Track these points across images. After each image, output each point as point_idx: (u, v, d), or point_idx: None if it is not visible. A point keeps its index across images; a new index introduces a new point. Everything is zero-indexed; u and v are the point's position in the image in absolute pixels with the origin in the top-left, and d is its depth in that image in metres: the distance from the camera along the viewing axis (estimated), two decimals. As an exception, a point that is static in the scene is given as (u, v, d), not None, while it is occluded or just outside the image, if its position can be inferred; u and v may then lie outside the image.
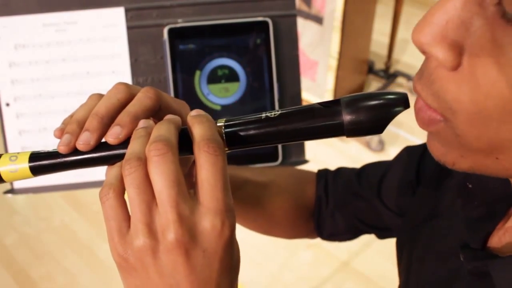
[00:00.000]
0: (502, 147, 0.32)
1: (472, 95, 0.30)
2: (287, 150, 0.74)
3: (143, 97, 0.40)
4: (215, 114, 0.71)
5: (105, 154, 0.39)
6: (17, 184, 0.71)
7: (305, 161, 0.75)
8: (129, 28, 0.71)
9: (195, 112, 0.39)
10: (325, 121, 0.37)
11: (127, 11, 0.71)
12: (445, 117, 0.33)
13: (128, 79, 0.72)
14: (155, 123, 0.39)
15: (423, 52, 0.32)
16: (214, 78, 0.72)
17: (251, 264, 1.94)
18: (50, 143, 0.71)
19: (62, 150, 0.39)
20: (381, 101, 0.36)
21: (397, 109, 0.36)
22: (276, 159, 0.73)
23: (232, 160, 0.69)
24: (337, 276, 1.94)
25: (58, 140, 0.40)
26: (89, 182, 0.71)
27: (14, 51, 0.70)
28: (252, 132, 0.38)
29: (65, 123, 0.40)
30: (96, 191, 0.76)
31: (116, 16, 0.71)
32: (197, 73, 0.71)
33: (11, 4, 0.70)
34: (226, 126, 0.38)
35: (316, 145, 2.47)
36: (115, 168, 0.37)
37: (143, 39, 0.72)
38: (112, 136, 0.38)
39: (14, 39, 0.70)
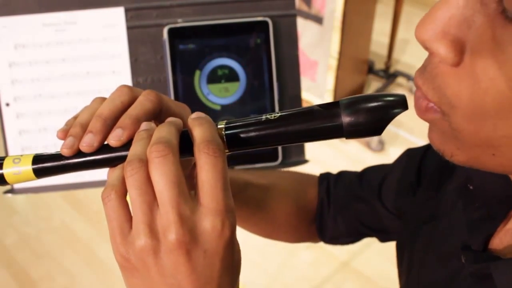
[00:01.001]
0: (498, 143, 0.32)
1: (471, 91, 0.31)
2: (287, 150, 0.74)
3: (144, 100, 0.41)
4: (215, 114, 0.71)
5: (108, 156, 0.39)
6: (17, 184, 0.71)
7: (305, 161, 0.75)
8: (129, 28, 0.71)
9: (195, 114, 0.39)
10: (325, 123, 0.37)
11: (127, 11, 0.71)
12: (443, 111, 0.34)
13: (128, 79, 0.72)
14: (157, 125, 0.39)
15: (426, 48, 0.32)
16: (214, 78, 0.72)
17: (251, 264, 1.94)
18: (50, 143, 0.71)
19: (66, 152, 0.39)
20: (380, 103, 0.36)
21: (396, 110, 0.36)
22: (276, 159, 0.73)
23: (232, 159, 0.69)
24: (337, 276, 1.94)
25: (58, 140, 0.40)
26: (89, 182, 0.71)
27: (14, 51, 0.70)
28: (252, 134, 0.38)
29: (68, 124, 0.41)
30: (96, 191, 0.76)
31: (116, 16, 0.71)
32: (197, 73, 0.71)
33: (11, 4, 0.70)
34: (226, 128, 0.39)
35: (316, 145, 2.46)
36: (117, 169, 0.38)
37: (143, 39, 0.72)
38: (114, 138, 0.39)
39: (14, 39, 0.70)
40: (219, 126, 0.39)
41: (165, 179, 0.34)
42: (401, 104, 0.36)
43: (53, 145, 0.70)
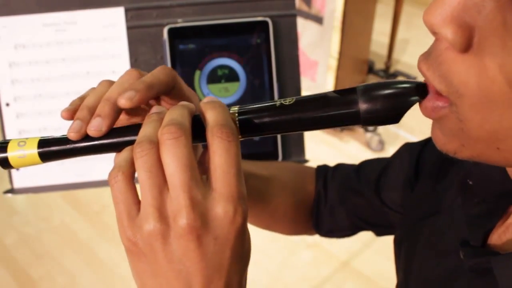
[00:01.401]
0: (504, 136, 0.32)
1: (479, 79, 0.30)
2: (287, 149, 0.74)
3: (158, 72, 0.40)
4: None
5: (116, 140, 0.38)
6: (17, 184, 0.71)
7: (305, 161, 0.75)
8: (129, 28, 0.71)
9: (208, 98, 0.38)
10: (341, 109, 0.36)
11: (127, 11, 0.71)
12: (451, 101, 0.33)
13: (128, 79, 0.72)
14: (167, 106, 0.38)
15: (433, 33, 0.32)
16: (214, 78, 0.72)
17: (251, 264, 1.94)
18: (50, 143, 0.71)
19: (72, 136, 0.38)
20: (398, 90, 0.35)
21: (414, 98, 0.35)
22: (276, 158, 0.73)
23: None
24: (337, 276, 1.94)
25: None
26: (89, 182, 0.71)
27: (14, 51, 0.70)
28: (266, 119, 0.37)
29: (73, 104, 0.40)
30: (96, 191, 0.76)
31: (116, 16, 0.71)
32: (197, 73, 0.71)
33: (11, 4, 0.70)
34: (240, 113, 0.38)
35: (316, 145, 2.47)
36: (125, 151, 0.37)
37: (143, 39, 0.72)
38: (126, 98, 0.38)
39: (14, 39, 0.70)
40: (231, 111, 0.38)
41: (177, 161, 0.33)
42: (419, 91, 0.35)
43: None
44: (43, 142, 0.39)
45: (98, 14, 0.71)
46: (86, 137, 0.38)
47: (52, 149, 0.39)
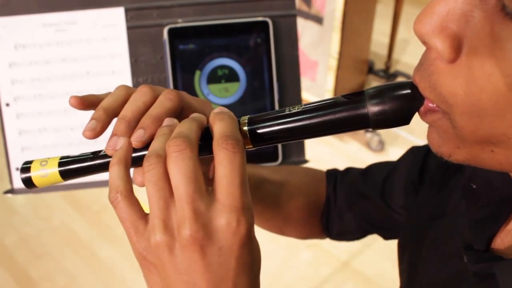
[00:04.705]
0: (497, 140, 0.32)
1: (467, 88, 0.30)
2: (287, 149, 0.74)
3: (164, 100, 0.41)
4: (215, 114, 0.71)
5: (133, 155, 0.39)
6: (17, 184, 0.71)
7: (305, 161, 0.75)
8: (129, 28, 0.71)
9: (218, 109, 0.39)
10: (350, 113, 0.36)
11: (127, 11, 0.71)
12: (443, 110, 0.33)
13: (128, 79, 0.72)
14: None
15: (423, 42, 0.32)
16: (214, 78, 0.72)
17: (251, 264, 1.94)
18: (50, 143, 0.71)
19: (87, 135, 0.39)
20: (406, 91, 0.35)
21: (422, 98, 0.35)
22: (276, 159, 0.73)
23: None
24: (337, 276, 1.94)
25: (58, 140, 0.40)
26: (89, 182, 0.71)
27: (14, 51, 0.70)
28: (276, 128, 0.38)
29: (86, 98, 0.41)
30: (96, 191, 0.76)
31: (116, 16, 0.71)
32: (197, 73, 0.71)
33: (11, 4, 0.70)
34: (249, 123, 0.38)
35: (316, 145, 2.46)
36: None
37: (143, 39, 0.72)
38: (137, 139, 0.39)
39: (14, 39, 0.70)
40: (242, 121, 0.39)
41: (181, 174, 0.34)
42: None
43: (53, 145, 0.70)
44: (63, 161, 0.41)
45: (98, 14, 0.71)
46: (104, 155, 0.40)
47: (71, 167, 0.40)
